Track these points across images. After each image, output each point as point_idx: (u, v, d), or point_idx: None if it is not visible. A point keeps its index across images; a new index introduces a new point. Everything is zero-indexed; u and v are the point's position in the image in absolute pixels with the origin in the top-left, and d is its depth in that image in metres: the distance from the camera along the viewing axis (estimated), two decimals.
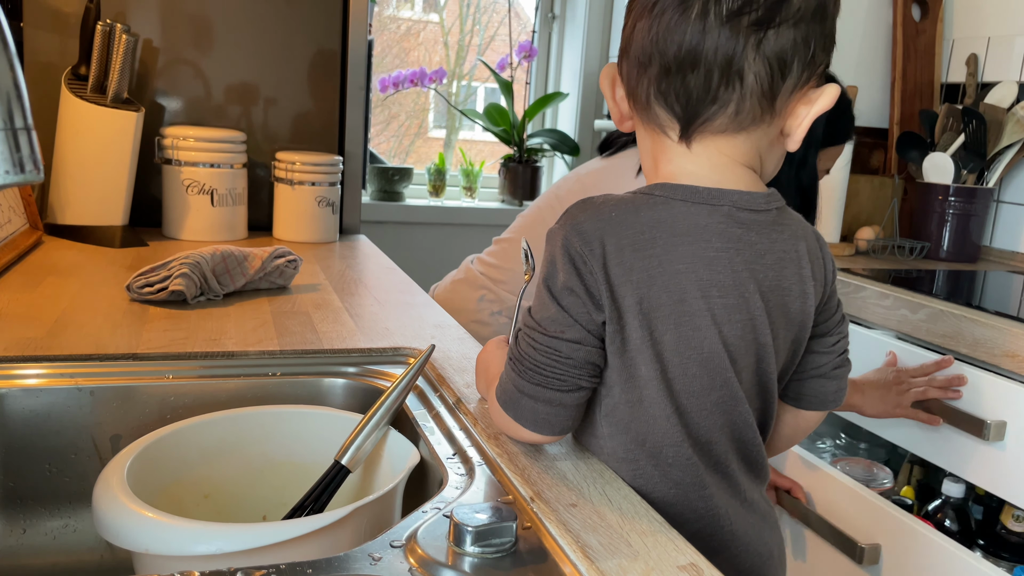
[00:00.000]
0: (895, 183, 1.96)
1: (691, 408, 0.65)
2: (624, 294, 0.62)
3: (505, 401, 0.66)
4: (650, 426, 0.65)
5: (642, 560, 0.54)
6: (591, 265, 0.62)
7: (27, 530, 0.83)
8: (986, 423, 1.15)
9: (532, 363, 0.64)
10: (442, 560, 0.52)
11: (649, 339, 0.63)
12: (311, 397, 0.90)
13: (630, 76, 0.66)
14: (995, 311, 1.25)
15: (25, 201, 1.48)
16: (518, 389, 0.65)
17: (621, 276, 0.62)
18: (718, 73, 0.61)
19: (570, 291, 0.62)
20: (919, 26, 2.04)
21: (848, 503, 1.24)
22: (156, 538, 0.59)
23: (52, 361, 0.86)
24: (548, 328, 0.63)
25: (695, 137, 0.65)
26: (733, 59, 0.61)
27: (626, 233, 0.62)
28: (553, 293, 0.63)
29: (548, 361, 0.63)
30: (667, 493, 0.66)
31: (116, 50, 1.48)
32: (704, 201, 0.63)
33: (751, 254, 0.64)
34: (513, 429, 0.68)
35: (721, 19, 0.60)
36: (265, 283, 1.22)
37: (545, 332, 0.63)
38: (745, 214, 0.64)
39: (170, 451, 0.74)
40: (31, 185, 1.47)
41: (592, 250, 0.62)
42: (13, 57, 0.50)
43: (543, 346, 0.63)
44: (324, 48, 1.76)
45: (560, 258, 0.63)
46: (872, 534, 1.20)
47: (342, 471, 0.74)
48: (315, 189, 1.67)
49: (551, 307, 0.63)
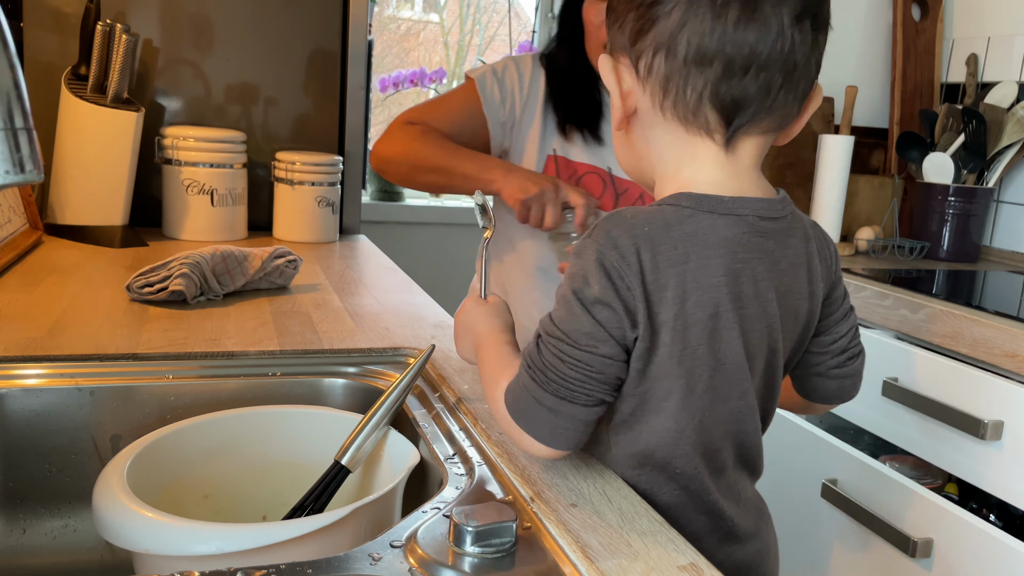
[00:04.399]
0: (895, 183, 1.96)
1: (707, 420, 0.64)
2: (660, 310, 0.60)
3: (519, 411, 0.63)
4: (662, 438, 0.64)
5: (642, 560, 0.54)
6: (628, 280, 0.60)
7: (27, 530, 0.83)
8: (983, 422, 1.15)
9: (559, 376, 0.60)
10: (442, 560, 0.52)
11: (679, 354, 0.62)
12: (311, 397, 0.90)
13: (668, 76, 0.62)
14: (995, 311, 1.25)
15: (25, 201, 1.48)
16: (538, 401, 0.61)
17: (657, 292, 0.60)
18: (781, 76, 0.61)
19: (605, 305, 0.60)
20: (919, 26, 2.04)
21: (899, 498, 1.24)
22: (156, 538, 0.59)
23: (52, 361, 0.86)
24: (580, 341, 0.60)
25: (732, 141, 0.64)
26: (796, 61, 0.61)
27: (660, 249, 0.60)
28: (586, 306, 0.60)
29: (577, 375, 0.60)
30: (671, 496, 0.66)
31: (116, 50, 1.48)
32: (729, 211, 0.62)
33: (770, 262, 0.64)
34: (523, 441, 0.64)
35: (790, 20, 0.60)
36: (265, 283, 1.22)
37: (576, 345, 0.60)
38: (766, 223, 0.64)
39: (170, 451, 0.74)
40: (31, 185, 1.47)
41: (629, 264, 0.60)
42: (13, 57, 0.50)
43: (572, 359, 0.60)
44: (324, 48, 1.76)
45: (594, 271, 0.60)
46: (923, 528, 1.20)
47: (342, 471, 0.74)
48: (315, 189, 1.67)
49: (583, 320, 0.60)
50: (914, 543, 1.19)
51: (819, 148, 1.80)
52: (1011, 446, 1.15)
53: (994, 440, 1.16)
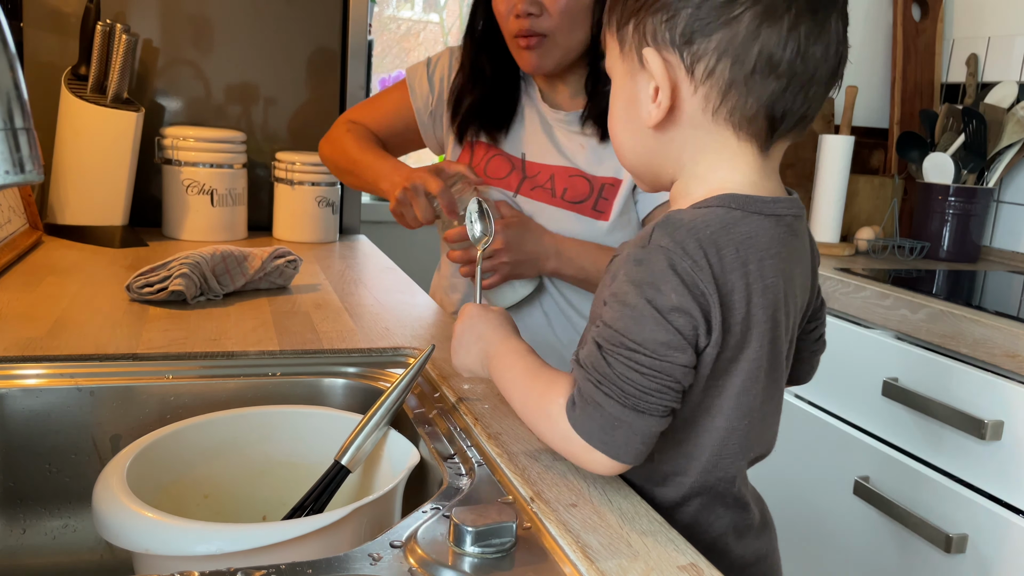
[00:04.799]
0: (895, 183, 1.96)
1: (754, 417, 0.65)
2: (731, 313, 0.60)
3: (590, 429, 0.59)
4: (710, 437, 0.64)
5: (642, 560, 0.54)
6: (704, 285, 0.58)
7: (27, 530, 0.83)
8: (984, 423, 1.15)
9: (636, 388, 0.58)
10: (442, 560, 0.52)
11: (740, 357, 0.62)
12: (311, 397, 0.90)
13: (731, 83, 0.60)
14: (995, 311, 1.25)
15: (25, 201, 1.48)
16: (614, 416, 0.58)
17: (728, 295, 0.60)
18: (826, 89, 0.62)
19: (683, 312, 0.58)
20: (919, 26, 2.04)
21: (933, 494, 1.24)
22: (156, 538, 0.59)
23: (52, 361, 0.86)
24: (657, 351, 0.58)
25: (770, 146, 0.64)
26: (840, 73, 0.63)
27: (724, 252, 0.60)
28: (663, 314, 0.58)
29: (655, 386, 0.58)
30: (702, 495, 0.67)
31: (116, 50, 1.48)
32: (772, 212, 0.63)
33: (795, 259, 0.66)
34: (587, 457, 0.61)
35: (842, 34, 0.61)
36: (265, 283, 1.22)
37: (654, 355, 0.58)
38: (795, 222, 0.65)
39: (170, 451, 0.74)
40: (31, 185, 1.47)
41: (702, 268, 0.58)
42: (13, 57, 0.50)
43: (650, 370, 0.58)
44: (324, 48, 1.76)
45: (668, 278, 0.58)
46: (958, 523, 1.20)
47: (342, 471, 0.74)
48: (315, 189, 1.67)
49: (659, 329, 0.58)
50: (949, 538, 1.19)
51: (819, 148, 1.80)
52: (1011, 446, 1.15)
53: (994, 440, 1.16)
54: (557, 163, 1.24)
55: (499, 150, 1.28)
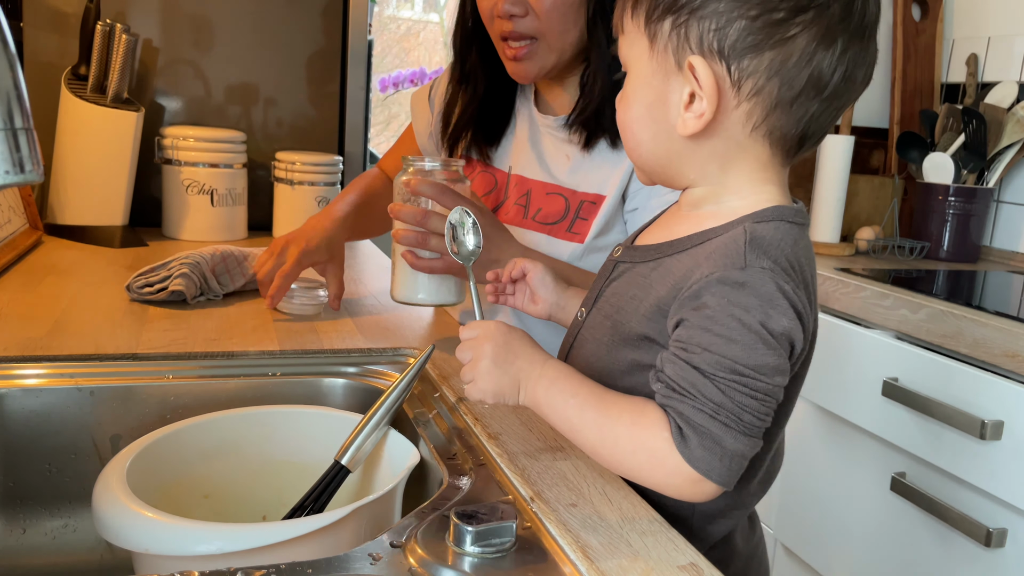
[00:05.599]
0: (895, 183, 1.96)
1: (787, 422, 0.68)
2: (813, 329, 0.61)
3: (710, 464, 0.56)
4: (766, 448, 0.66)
5: (642, 560, 0.54)
6: (803, 307, 0.58)
7: (27, 530, 0.83)
8: (983, 422, 1.15)
9: (754, 415, 0.56)
10: (442, 560, 0.52)
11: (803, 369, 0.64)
12: (311, 397, 0.90)
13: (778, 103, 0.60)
14: (995, 311, 1.25)
15: (25, 201, 1.48)
16: (735, 447, 0.56)
17: (814, 311, 0.61)
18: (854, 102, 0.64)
19: (791, 335, 0.57)
20: (919, 26, 2.04)
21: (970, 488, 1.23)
22: (156, 538, 0.59)
23: (52, 361, 0.86)
24: (768, 376, 0.56)
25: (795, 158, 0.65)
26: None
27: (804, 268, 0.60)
28: (775, 338, 0.56)
29: (767, 410, 0.57)
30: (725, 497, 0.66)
31: (116, 50, 1.48)
32: (806, 222, 0.64)
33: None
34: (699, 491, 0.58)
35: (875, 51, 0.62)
36: None
37: (767, 380, 0.56)
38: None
39: (170, 451, 0.74)
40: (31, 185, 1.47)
41: (800, 289, 0.58)
42: (13, 57, 0.50)
43: (765, 395, 0.56)
44: (324, 48, 1.76)
45: (778, 302, 0.57)
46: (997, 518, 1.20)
47: (342, 471, 0.74)
48: (315, 189, 1.67)
49: (772, 354, 0.56)
50: (989, 533, 1.19)
51: (819, 148, 1.80)
52: (1011, 446, 1.15)
53: (994, 440, 1.16)
54: (537, 177, 1.13)
55: (486, 166, 1.19)
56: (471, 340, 0.66)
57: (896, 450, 1.35)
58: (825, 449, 1.49)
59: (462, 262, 0.79)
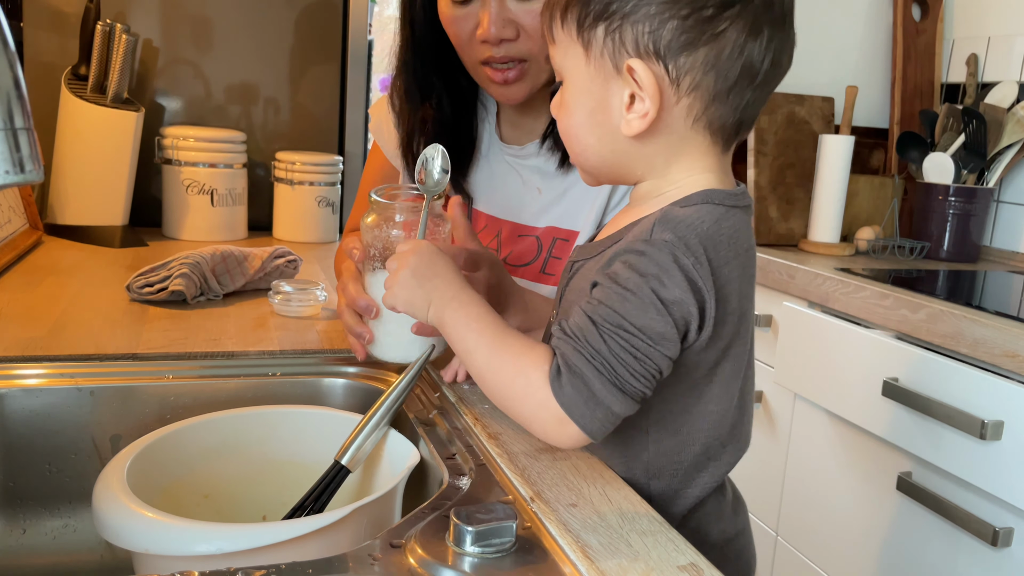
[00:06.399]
0: (895, 183, 1.96)
1: (743, 399, 0.69)
2: (726, 305, 0.62)
3: (573, 403, 0.59)
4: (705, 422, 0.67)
5: (642, 560, 0.54)
6: (704, 281, 0.60)
7: (27, 530, 0.83)
8: (984, 422, 1.15)
9: (629, 371, 0.59)
10: (442, 560, 0.52)
11: (733, 343, 0.65)
12: (311, 397, 0.90)
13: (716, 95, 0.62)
14: (995, 311, 1.25)
15: (25, 201, 1.48)
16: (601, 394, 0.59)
17: (723, 288, 0.61)
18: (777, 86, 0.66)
19: (681, 306, 0.59)
20: (919, 26, 2.04)
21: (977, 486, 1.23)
22: (156, 538, 0.59)
23: (52, 361, 0.86)
24: (654, 340, 0.59)
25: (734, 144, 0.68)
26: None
27: (719, 247, 0.61)
28: (666, 305, 0.59)
29: (644, 372, 0.59)
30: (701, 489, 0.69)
31: (116, 50, 1.48)
32: (744, 204, 0.66)
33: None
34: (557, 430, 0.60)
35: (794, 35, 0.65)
36: (265, 283, 1.22)
37: (651, 343, 0.59)
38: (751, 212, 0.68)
39: (170, 451, 0.74)
40: (31, 185, 1.47)
41: (702, 264, 0.60)
42: (13, 57, 0.50)
43: (645, 356, 0.59)
44: (324, 48, 1.76)
45: (672, 272, 0.59)
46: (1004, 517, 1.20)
47: (342, 471, 0.74)
48: (315, 189, 1.67)
49: (659, 320, 0.59)
50: (996, 532, 1.19)
51: (819, 148, 1.80)
52: (1011, 446, 1.15)
53: (994, 440, 1.16)
54: (506, 217, 1.06)
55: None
56: (402, 252, 0.71)
57: (897, 450, 1.35)
58: (825, 449, 1.49)
59: (426, 194, 0.80)
